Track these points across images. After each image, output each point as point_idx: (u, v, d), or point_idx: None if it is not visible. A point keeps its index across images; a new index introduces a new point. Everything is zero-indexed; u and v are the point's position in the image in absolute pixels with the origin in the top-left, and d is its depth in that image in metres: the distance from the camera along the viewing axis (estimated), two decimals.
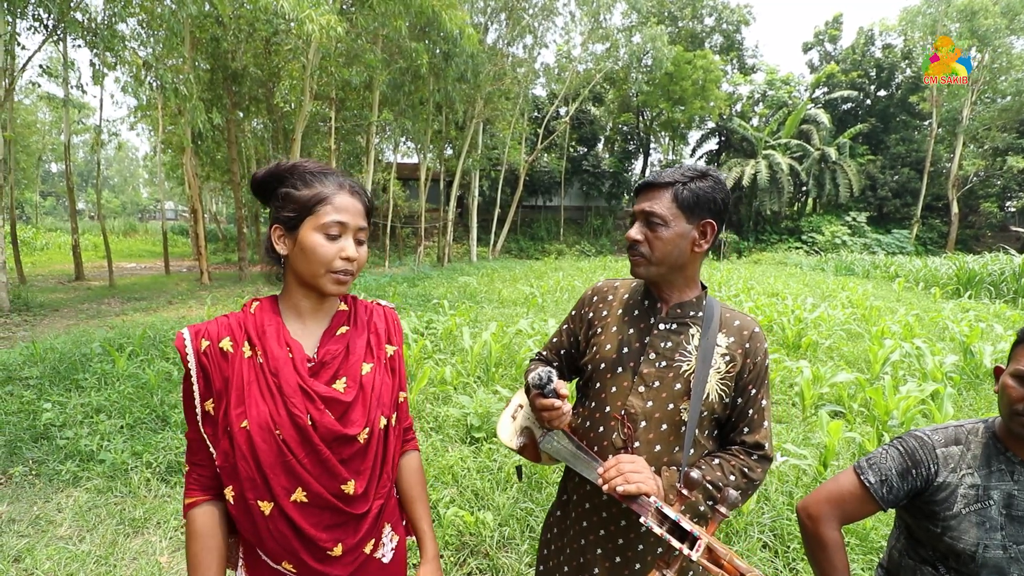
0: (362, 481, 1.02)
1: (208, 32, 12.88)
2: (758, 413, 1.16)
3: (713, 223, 1.14)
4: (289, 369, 0.98)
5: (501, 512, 2.68)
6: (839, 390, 4.46)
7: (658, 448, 1.13)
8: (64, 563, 2.40)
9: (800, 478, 3.04)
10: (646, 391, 1.15)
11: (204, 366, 0.99)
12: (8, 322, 7.79)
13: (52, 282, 13.13)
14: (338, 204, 0.99)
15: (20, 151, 26.41)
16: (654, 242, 1.13)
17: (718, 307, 1.20)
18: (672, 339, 1.17)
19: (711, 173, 1.14)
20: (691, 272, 1.19)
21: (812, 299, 9.40)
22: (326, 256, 0.98)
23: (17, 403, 3.98)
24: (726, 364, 1.14)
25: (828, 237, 26.38)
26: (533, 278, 13.85)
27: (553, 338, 1.44)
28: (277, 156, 16.57)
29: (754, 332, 1.17)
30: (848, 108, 30.74)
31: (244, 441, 0.95)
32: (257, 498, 0.96)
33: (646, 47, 22.82)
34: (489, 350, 4.98)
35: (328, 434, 0.98)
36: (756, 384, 1.16)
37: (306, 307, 1.06)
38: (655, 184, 1.14)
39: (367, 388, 1.04)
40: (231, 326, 1.02)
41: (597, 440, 1.19)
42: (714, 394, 1.13)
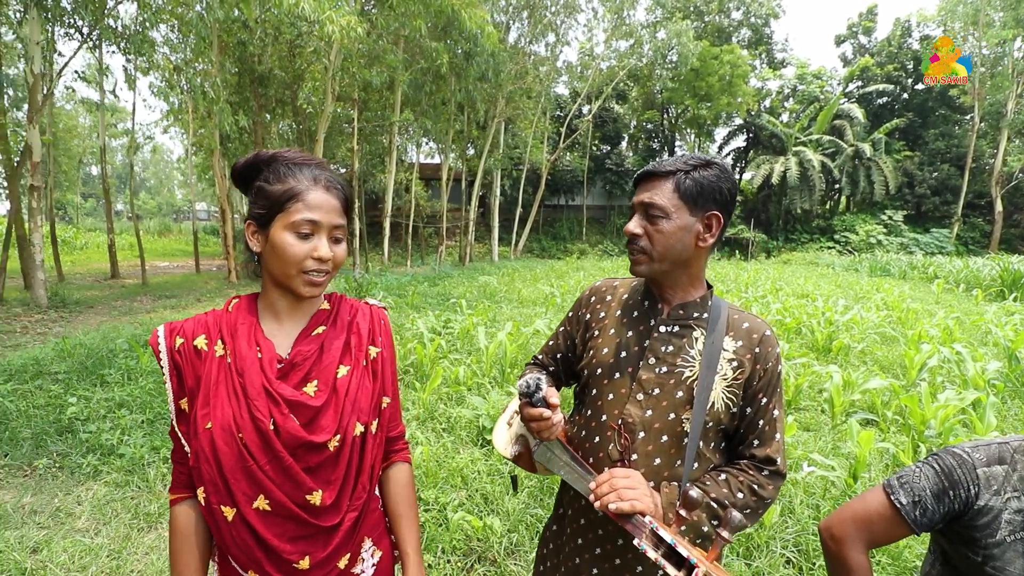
0: (331, 491, 0.96)
1: (235, 36, 13.15)
2: (769, 424, 1.06)
3: (719, 215, 1.05)
4: (255, 370, 0.93)
5: (510, 518, 2.61)
6: (872, 397, 4.25)
7: (657, 461, 1.04)
8: (79, 556, 2.43)
9: (828, 490, 2.88)
10: (645, 399, 1.06)
11: (177, 364, 0.95)
12: (45, 318, 8.08)
13: (89, 280, 13.60)
14: (311, 201, 0.93)
15: (61, 154, 27.51)
16: (654, 236, 1.05)
17: (725, 308, 1.11)
18: (674, 342, 1.08)
19: (716, 162, 1.05)
20: (695, 269, 1.10)
21: (844, 301, 9.05)
22: (296, 257, 0.92)
23: (45, 397, 4.09)
24: (733, 370, 1.04)
25: (862, 236, 25.49)
26: (554, 278, 13.73)
27: (549, 341, 1.36)
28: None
29: (765, 336, 1.07)
30: (884, 102, 29.66)
31: (207, 443, 0.90)
32: (220, 503, 0.91)
33: (671, 43, 22.44)
34: (504, 350, 4.92)
35: (292, 440, 0.92)
36: (767, 393, 1.05)
37: (283, 306, 1.01)
38: (655, 173, 1.06)
39: (341, 392, 0.98)
40: (208, 324, 0.98)
41: (593, 451, 1.11)
42: (720, 403, 1.03)
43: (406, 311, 7.94)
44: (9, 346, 6.06)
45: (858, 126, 26.60)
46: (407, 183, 21.24)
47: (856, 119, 26.29)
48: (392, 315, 7.49)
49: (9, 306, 8.61)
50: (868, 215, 26.91)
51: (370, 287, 10.10)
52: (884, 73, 28.69)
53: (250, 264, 1.03)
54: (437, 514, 2.66)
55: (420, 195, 22.05)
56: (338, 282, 11.51)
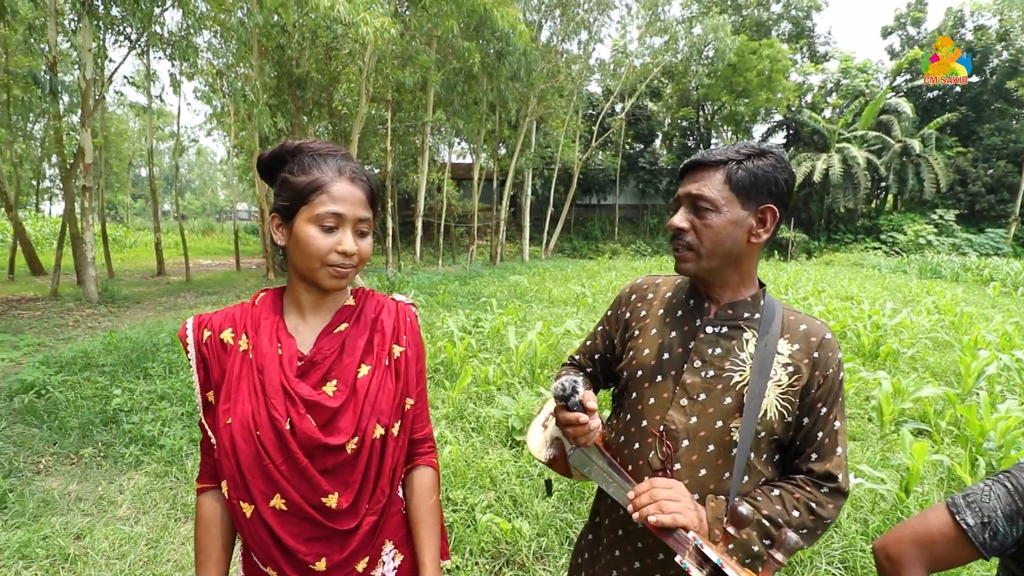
0: (348, 495, 0.93)
1: (274, 40, 13.52)
2: (829, 437, 0.96)
3: (774, 208, 0.96)
4: (274, 367, 0.91)
5: (540, 521, 2.56)
6: (923, 405, 4.01)
7: (703, 472, 0.96)
8: (118, 544, 2.50)
9: (877, 504, 2.72)
10: (689, 404, 0.98)
11: (205, 356, 0.95)
12: (95, 313, 8.46)
13: (137, 277, 14.21)
14: (335, 193, 0.90)
15: (112, 157, 28.90)
16: (702, 231, 0.97)
17: (779, 308, 1.02)
18: (722, 344, 1.00)
19: (772, 150, 0.97)
20: (747, 267, 1.02)
21: (892, 304, 8.62)
22: (320, 250, 0.90)
23: (93, 388, 4.26)
24: (789, 376, 0.95)
25: (911, 237, 24.30)
26: (585, 278, 13.59)
27: (587, 341, 1.29)
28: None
29: (824, 339, 0.98)
30: (934, 96, 28.19)
31: (227, 438, 0.89)
32: (239, 498, 0.90)
33: (707, 38, 21.90)
34: (534, 350, 4.86)
35: (308, 441, 0.90)
36: (827, 402, 0.96)
37: (307, 301, 0.99)
38: (704, 163, 0.98)
39: (361, 393, 0.94)
40: (235, 317, 0.97)
41: (632, 458, 1.03)
42: (773, 411, 0.94)
43: (437, 310, 7.97)
44: (62, 339, 6.36)
45: (906, 121, 25.36)
46: (439, 183, 21.42)
47: (904, 114, 25.07)
48: (423, 313, 7.54)
49: (63, 301, 9.06)
50: (917, 214, 25.64)
51: (402, 285, 10.21)
52: None
53: (275, 258, 1.02)
54: (466, 515, 2.63)
55: (452, 195, 22.21)
56: (371, 280, 11.68)
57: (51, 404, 3.94)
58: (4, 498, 2.79)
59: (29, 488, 2.92)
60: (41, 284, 11.22)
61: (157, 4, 9.53)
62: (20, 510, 2.71)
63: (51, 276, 9.99)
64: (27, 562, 2.35)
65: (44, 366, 4.62)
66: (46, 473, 3.15)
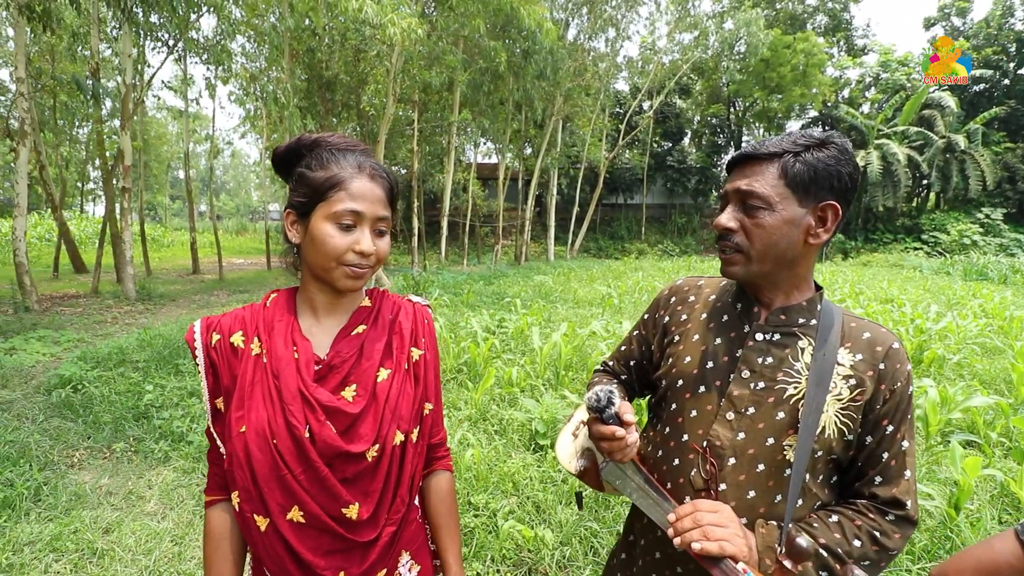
0: (369, 504, 0.89)
1: (305, 44, 13.77)
2: (896, 458, 0.86)
3: (836, 206, 0.87)
4: (291, 371, 0.87)
5: (563, 529, 2.48)
6: (972, 416, 3.77)
7: (751, 495, 0.87)
8: (145, 539, 2.53)
9: (924, 521, 2.55)
10: (737, 419, 0.90)
11: (213, 361, 0.91)
12: (132, 310, 8.74)
13: (173, 275, 14.67)
14: (354, 190, 0.86)
15: (152, 160, 29.98)
16: (753, 232, 0.88)
17: (839, 314, 0.92)
18: (774, 353, 0.90)
19: (834, 140, 0.87)
20: (803, 270, 0.92)
21: (936, 307, 8.21)
22: (337, 249, 0.86)
23: (126, 384, 4.37)
24: (850, 390, 0.86)
25: (954, 237, 23.20)
26: (611, 278, 13.41)
27: (622, 346, 1.20)
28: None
29: (892, 349, 0.88)
30: (980, 90, 26.88)
31: (241, 448, 0.85)
32: (253, 511, 0.86)
33: (739, 33, 21.37)
34: (559, 352, 4.78)
35: (328, 449, 0.85)
36: (894, 419, 0.86)
37: (321, 302, 0.95)
38: (756, 156, 0.88)
39: (381, 398, 0.90)
40: (245, 319, 0.93)
41: (671, 475, 0.95)
42: (832, 428, 0.85)
43: (461, 309, 7.96)
44: (100, 335, 6.58)
45: (950, 116, 24.23)
46: (465, 183, 21.47)
47: (948, 108, 23.96)
48: (447, 313, 7.53)
49: (103, 298, 9.39)
50: (961, 213, 24.48)
51: (427, 285, 10.24)
52: (981, 57, 25.99)
53: (288, 256, 0.98)
54: (487, 520, 2.57)
55: (477, 194, 22.24)
56: (397, 279, 11.77)
57: (86, 399, 4.06)
58: (39, 490, 2.87)
59: (63, 481, 3.00)
60: (83, 282, 11.67)
61: (193, 10, 9.80)
62: (53, 503, 2.78)
63: (92, 274, 10.38)
64: (57, 555, 2.39)
65: (81, 361, 4.77)
66: (79, 467, 3.23)
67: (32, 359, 5.29)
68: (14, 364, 5.01)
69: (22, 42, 7.88)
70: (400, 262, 19.78)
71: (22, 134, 7.89)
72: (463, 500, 2.69)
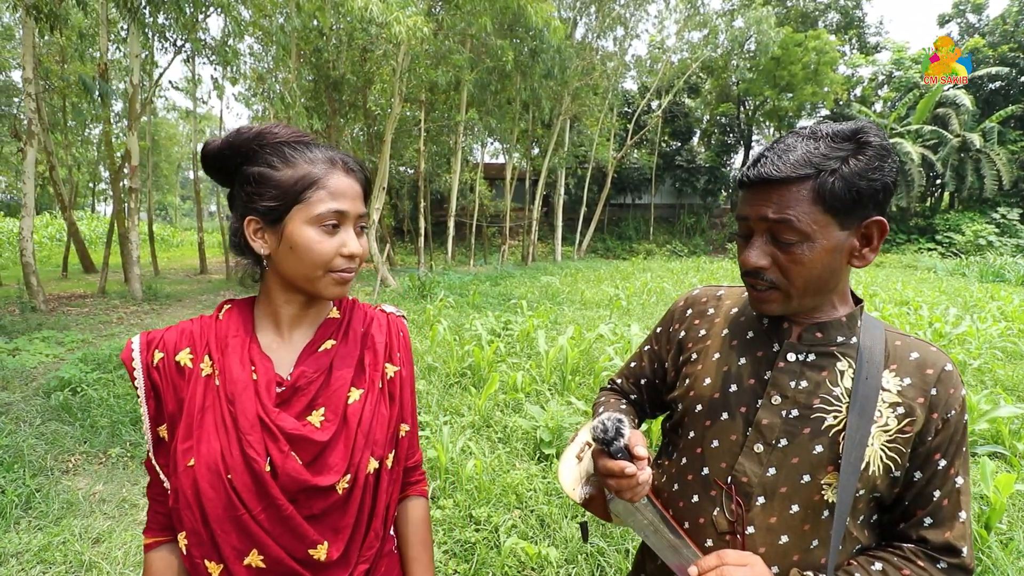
0: (339, 543, 0.78)
1: (312, 44, 13.76)
2: (949, 497, 0.75)
3: (883, 221, 0.74)
4: (249, 395, 0.76)
5: (569, 546, 2.37)
6: (997, 425, 3.61)
7: (784, 540, 0.76)
8: (134, 551, 2.45)
9: None
10: (767, 452, 0.78)
11: (156, 383, 0.79)
12: (139, 310, 8.73)
13: (181, 275, 14.72)
14: (334, 188, 0.77)
15: (162, 160, 30.21)
16: (790, 269, 0.74)
17: (882, 331, 0.80)
18: (809, 376, 0.79)
19: (870, 138, 0.71)
20: (843, 286, 0.81)
21: (955, 310, 8.00)
22: (325, 254, 0.76)
23: (125, 386, 4.31)
24: (898, 419, 0.74)
25: (970, 237, 22.77)
26: (619, 279, 13.25)
27: (631, 362, 1.08)
28: (372, 160, 17.39)
29: (944, 371, 0.76)
30: (996, 87, 26.36)
31: (189, 485, 0.74)
32: (204, 557, 0.74)
33: (749, 31, 21.10)
34: (565, 356, 4.66)
35: (292, 484, 0.74)
36: (947, 452, 0.75)
37: (287, 315, 0.83)
38: (782, 180, 0.72)
39: (352, 422, 0.80)
40: (193, 335, 0.81)
41: (689, 513, 0.84)
42: (877, 464, 0.74)
43: (466, 311, 7.86)
44: (104, 336, 6.54)
45: (965, 114, 23.79)
46: (472, 183, 21.39)
47: (963, 106, 23.51)
48: (452, 314, 7.44)
49: (109, 298, 9.40)
50: (977, 213, 24.02)
51: (433, 286, 10.16)
52: (997, 55, 25.50)
53: (243, 267, 0.86)
54: (489, 535, 2.46)
55: (484, 195, 22.15)
56: (403, 280, 11.70)
57: (85, 402, 4.00)
58: (31, 498, 2.80)
59: (56, 488, 2.93)
60: (91, 281, 11.71)
61: (200, 11, 9.78)
62: (44, 511, 2.70)
63: (100, 274, 10.40)
64: (45, 566, 2.32)
65: (82, 363, 4.71)
66: (74, 472, 3.16)
67: (35, 360, 5.25)
68: (16, 365, 4.97)
69: (30, 42, 7.88)
70: (406, 262, 19.74)
71: (30, 134, 7.90)
72: (464, 513, 2.59)
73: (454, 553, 2.35)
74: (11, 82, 17.47)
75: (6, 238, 17.87)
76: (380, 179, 12.23)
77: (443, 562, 2.30)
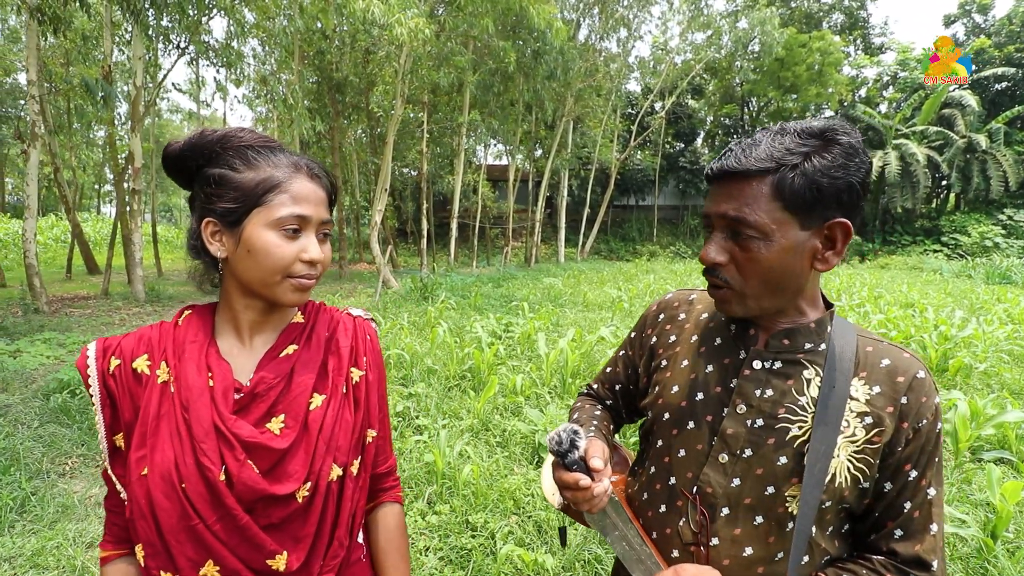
0: (300, 552, 0.76)
1: (315, 46, 13.79)
2: (920, 509, 0.72)
3: (847, 223, 0.71)
4: (204, 402, 0.74)
5: (566, 553, 2.33)
6: (1004, 430, 3.55)
7: (748, 552, 0.74)
8: None
9: (957, 548, 2.36)
10: (731, 462, 0.76)
11: (111, 391, 0.77)
12: (141, 311, 8.74)
13: (184, 276, 14.69)
14: (297, 192, 0.75)
15: None
16: (747, 266, 0.73)
17: (854, 336, 0.77)
18: (775, 385, 0.76)
19: (838, 136, 0.70)
20: (810, 292, 0.78)
21: (961, 312, 7.92)
22: (283, 260, 0.74)
23: None
24: (866, 430, 0.72)
25: (976, 239, 22.60)
26: (622, 280, 13.21)
27: (607, 367, 1.07)
28: (375, 161, 17.41)
29: (916, 379, 0.73)
30: (1003, 88, 26.18)
31: (143, 494, 0.72)
32: (159, 568, 0.73)
33: (753, 32, 21.02)
34: (566, 358, 4.63)
35: (248, 493, 0.72)
36: (918, 463, 0.72)
37: (247, 320, 0.81)
38: (742, 173, 0.70)
39: (313, 428, 0.77)
40: (151, 341, 0.80)
41: (657, 524, 0.82)
42: (844, 476, 0.71)
43: (468, 312, 7.83)
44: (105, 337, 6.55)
45: (971, 115, 23.64)
46: (475, 184, 21.41)
47: (969, 107, 23.37)
48: (453, 316, 7.41)
49: (112, 300, 9.42)
50: (982, 214, 23.85)
51: (435, 287, 10.15)
52: (1003, 55, 25.33)
53: (201, 273, 0.84)
54: (485, 541, 2.43)
55: (487, 196, 22.16)
56: (405, 282, 11.69)
57: (84, 404, 3.98)
58: (26, 501, 2.78)
59: (52, 491, 2.91)
60: (95, 283, 11.75)
61: (204, 13, 9.81)
62: (39, 515, 2.69)
63: (103, 275, 10.43)
64: (38, 571, 2.30)
65: None
66: (70, 475, 3.15)
67: (36, 361, 5.26)
68: (17, 367, 4.98)
69: (34, 45, 7.92)
70: (409, 264, 19.74)
71: (33, 136, 7.93)
72: (460, 519, 2.56)
73: (450, 560, 2.32)
74: (17, 85, 17.59)
75: (11, 239, 17.97)
76: (383, 180, 12.23)
77: (439, 569, 2.27)
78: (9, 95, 17.53)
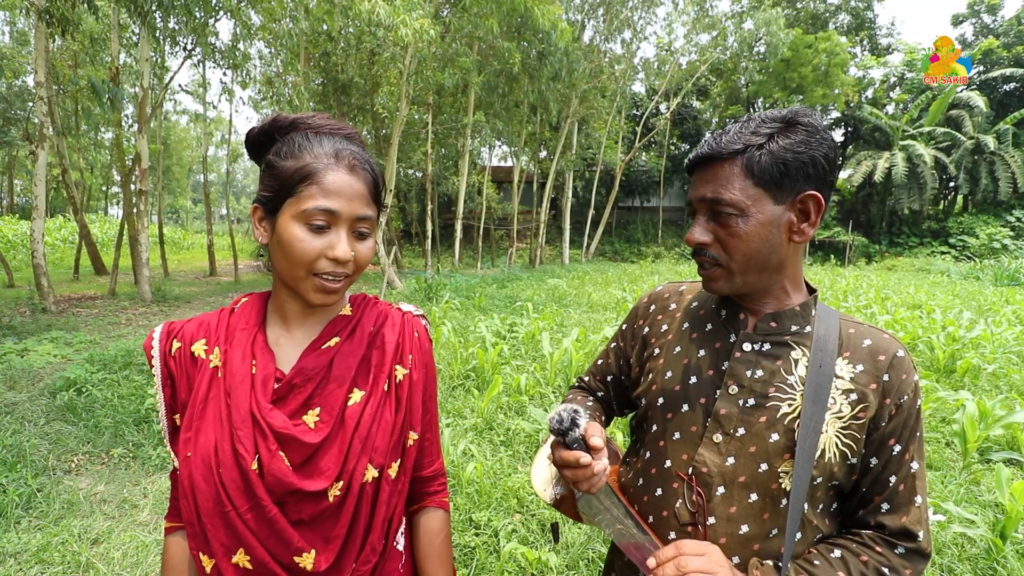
0: (329, 553, 0.74)
1: (320, 48, 13.85)
2: (905, 482, 0.76)
3: (817, 195, 0.75)
4: (244, 389, 0.74)
5: (569, 551, 2.32)
6: (1012, 431, 3.51)
7: (744, 529, 0.76)
8: (132, 551, 2.44)
9: (966, 549, 2.33)
10: (725, 442, 0.79)
11: (172, 372, 0.80)
12: (147, 311, 8.79)
13: (190, 277, 14.83)
14: (329, 184, 0.72)
15: (174, 164, 30.56)
16: (729, 243, 0.77)
17: (836, 319, 0.81)
18: (764, 365, 0.80)
19: (800, 119, 0.75)
20: (792, 270, 0.82)
21: (969, 314, 7.85)
22: (306, 255, 0.72)
23: (129, 387, 4.32)
24: (851, 406, 0.76)
25: (984, 240, 22.42)
26: (626, 281, 13.18)
27: (598, 359, 1.09)
28: (380, 162, 17.46)
29: (896, 357, 0.77)
30: (1011, 89, 25.96)
31: (187, 475, 0.73)
32: (198, 549, 0.73)
33: (759, 33, 20.94)
34: (570, 358, 4.62)
35: (278, 485, 0.71)
36: (901, 438, 0.76)
37: (293, 310, 0.81)
38: (716, 156, 0.77)
39: (349, 425, 0.76)
40: (210, 326, 0.81)
41: (653, 507, 0.83)
42: (833, 451, 0.75)
43: (472, 313, 7.83)
44: (112, 336, 6.59)
45: (979, 116, 23.45)
46: (479, 186, 21.42)
47: (977, 108, 23.19)
48: (458, 316, 7.41)
49: (119, 300, 9.48)
50: (991, 216, 23.65)
51: (440, 288, 10.15)
52: (1012, 56, 25.14)
53: (260, 258, 0.85)
54: (489, 539, 2.42)
55: (492, 197, 22.18)
56: (410, 282, 11.71)
57: (89, 402, 4.01)
58: (32, 498, 2.80)
59: (57, 488, 2.93)
60: (102, 283, 11.83)
61: (210, 15, 9.88)
62: (45, 511, 2.70)
63: (110, 276, 10.50)
64: (43, 567, 2.31)
65: (88, 364, 4.74)
66: (76, 472, 3.16)
67: (43, 360, 5.29)
68: (24, 365, 5.01)
69: (42, 47, 7.99)
70: (414, 265, 19.77)
71: (41, 137, 7.99)
72: (464, 517, 2.55)
73: (453, 558, 2.31)
74: (25, 87, 17.76)
75: (20, 240, 18.13)
76: (387, 182, 12.26)
77: None
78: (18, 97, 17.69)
